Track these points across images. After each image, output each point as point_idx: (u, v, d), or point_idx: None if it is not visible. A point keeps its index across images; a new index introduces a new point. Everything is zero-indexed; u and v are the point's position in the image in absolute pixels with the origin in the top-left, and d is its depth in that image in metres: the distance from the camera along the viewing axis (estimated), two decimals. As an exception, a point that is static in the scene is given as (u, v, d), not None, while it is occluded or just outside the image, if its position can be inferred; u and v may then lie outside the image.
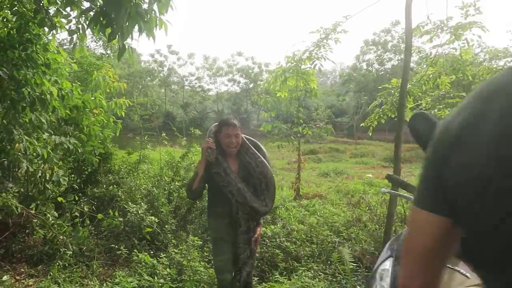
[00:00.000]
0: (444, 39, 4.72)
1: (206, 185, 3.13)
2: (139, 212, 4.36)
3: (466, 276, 1.54)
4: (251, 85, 51.97)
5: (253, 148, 3.18)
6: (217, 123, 3.25)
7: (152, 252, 4.19)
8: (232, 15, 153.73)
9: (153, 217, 4.42)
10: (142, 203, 4.58)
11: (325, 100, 48.63)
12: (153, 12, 2.67)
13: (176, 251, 3.94)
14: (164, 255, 3.97)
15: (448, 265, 1.56)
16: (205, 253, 4.13)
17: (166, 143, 6.57)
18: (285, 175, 11.80)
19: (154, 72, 51.67)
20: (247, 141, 3.19)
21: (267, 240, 4.55)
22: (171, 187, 5.27)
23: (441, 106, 5.18)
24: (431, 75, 5.10)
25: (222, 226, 3.09)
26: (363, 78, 44.67)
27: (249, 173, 3.11)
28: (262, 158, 3.15)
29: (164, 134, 6.43)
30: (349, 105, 47.93)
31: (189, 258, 3.75)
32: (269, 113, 8.07)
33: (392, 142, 4.83)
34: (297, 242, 4.69)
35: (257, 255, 3.37)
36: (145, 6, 2.59)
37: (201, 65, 56.09)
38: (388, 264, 1.73)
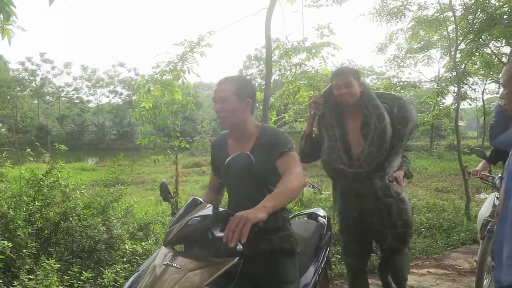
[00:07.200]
0: (302, 57, 5.18)
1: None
2: (-12, 237, 3.93)
3: (177, 268, 1.70)
4: (134, 97, 50.29)
5: (376, 99, 2.72)
6: None
7: (6, 280, 3.78)
8: (114, 25, 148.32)
9: (5, 242, 4.02)
10: (-7, 227, 4.14)
11: (210, 113, 49.05)
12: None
13: (31, 277, 3.62)
14: (18, 283, 3.63)
15: (165, 262, 1.74)
16: (65, 276, 3.87)
17: (32, 159, 6.01)
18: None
19: (24, 81, 47.30)
20: (370, 91, 2.80)
21: (138, 258, 4.43)
22: (31, 207, 4.84)
23: (302, 120, 5.64)
24: (291, 90, 5.53)
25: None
26: (246, 91, 46.08)
27: (370, 128, 2.66)
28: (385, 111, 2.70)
29: (29, 149, 5.89)
30: (234, 117, 48.96)
31: (45, 283, 3.48)
32: (146, 127, 7.86)
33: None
34: (170, 256, 4.63)
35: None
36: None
37: (79, 76, 52.76)
38: None
